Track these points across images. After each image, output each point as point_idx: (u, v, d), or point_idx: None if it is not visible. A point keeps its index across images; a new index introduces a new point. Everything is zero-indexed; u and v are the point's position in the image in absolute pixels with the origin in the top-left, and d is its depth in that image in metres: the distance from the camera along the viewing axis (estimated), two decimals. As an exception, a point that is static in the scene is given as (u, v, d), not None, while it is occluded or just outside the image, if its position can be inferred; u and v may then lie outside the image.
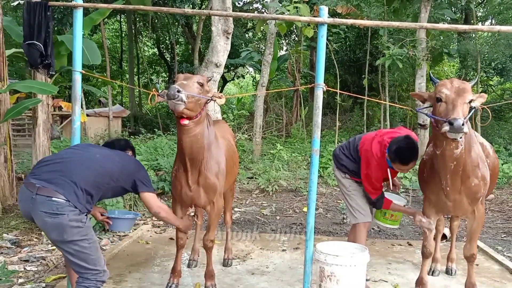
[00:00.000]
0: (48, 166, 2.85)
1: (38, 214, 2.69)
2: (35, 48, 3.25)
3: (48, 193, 2.67)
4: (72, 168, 2.81)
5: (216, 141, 3.51)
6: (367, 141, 3.75)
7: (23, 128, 13.58)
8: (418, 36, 10.36)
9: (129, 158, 3.22)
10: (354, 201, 3.88)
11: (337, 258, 3.15)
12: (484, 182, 3.34)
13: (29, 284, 3.92)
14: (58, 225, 2.67)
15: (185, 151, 3.23)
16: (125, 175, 3.03)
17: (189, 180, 3.37)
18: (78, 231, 2.72)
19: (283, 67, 16.58)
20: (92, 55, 6.37)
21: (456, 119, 2.80)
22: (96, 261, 2.81)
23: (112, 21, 22.10)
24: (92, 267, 2.79)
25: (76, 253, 2.75)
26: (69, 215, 2.67)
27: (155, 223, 6.00)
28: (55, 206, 2.65)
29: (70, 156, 2.95)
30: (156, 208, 3.14)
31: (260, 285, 3.91)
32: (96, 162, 2.93)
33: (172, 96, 2.88)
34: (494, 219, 6.63)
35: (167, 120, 17.09)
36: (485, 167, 3.38)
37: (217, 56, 7.13)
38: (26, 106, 5.84)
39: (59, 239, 2.72)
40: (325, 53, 3.24)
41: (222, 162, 3.52)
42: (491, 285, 4.02)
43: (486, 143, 3.84)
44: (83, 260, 2.77)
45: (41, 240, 5.10)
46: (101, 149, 3.21)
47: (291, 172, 8.83)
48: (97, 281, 2.82)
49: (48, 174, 2.77)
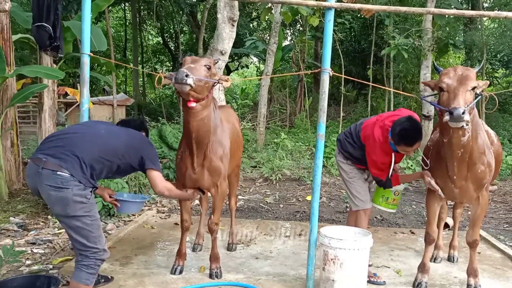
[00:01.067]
0: (54, 142, 2.86)
1: (44, 187, 2.73)
2: (44, 30, 3.28)
3: (53, 167, 2.70)
4: (77, 143, 2.82)
5: (221, 124, 3.55)
6: (369, 127, 3.74)
7: (28, 115, 13.62)
8: (424, 26, 10.30)
9: (137, 135, 3.18)
10: (354, 188, 3.87)
11: (341, 241, 3.19)
12: (490, 169, 3.36)
13: (36, 265, 3.98)
14: (62, 199, 2.70)
15: (192, 134, 3.26)
16: (132, 152, 3.01)
17: (194, 163, 3.41)
18: (82, 207, 2.74)
19: (288, 57, 16.51)
20: (98, 41, 6.39)
21: (456, 108, 2.81)
22: (97, 239, 2.84)
23: (117, 9, 22.01)
24: (92, 245, 2.81)
25: (78, 229, 2.78)
26: (73, 190, 2.70)
27: (159, 209, 6.05)
28: (59, 180, 2.68)
29: (75, 132, 2.96)
30: (161, 188, 3.12)
31: (264, 269, 3.96)
32: (100, 138, 2.93)
33: (180, 80, 2.90)
34: (497, 210, 6.65)
35: (171, 109, 17.09)
36: (491, 153, 3.40)
37: (222, 44, 7.12)
38: (32, 91, 5.88)
39: (63, 214, 2.75)
40: (331, 39, 3.24)
41: (226, 145, 3.56)
42: (492, 272, 4.05)
43: (490, 130, 3.85)
44: (84, 237, 2.79)
45: (47, 224, 5.16)
46: (108, 125, 3.21)
47: (294, 161, 8.85)
48: (96, 259, 2.84)
49: (54, 149, 2.79)
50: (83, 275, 2.82)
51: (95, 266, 2.85)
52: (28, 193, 6.16)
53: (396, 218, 6.05)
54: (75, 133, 2.93)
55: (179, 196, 3.47)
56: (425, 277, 3.63)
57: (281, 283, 3.58)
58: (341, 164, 3.98)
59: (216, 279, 3.60)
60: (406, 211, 6.47)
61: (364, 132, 3.76)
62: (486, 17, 5.63)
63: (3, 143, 6.10)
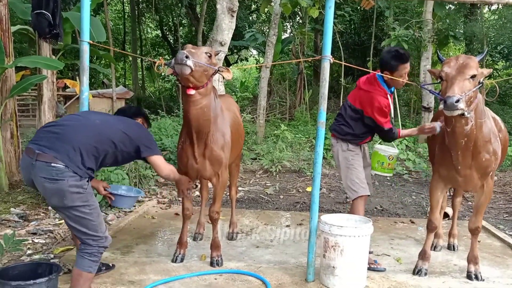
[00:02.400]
0: (47, 133, 2.81)
1: (38, 179, 2.70)
2: (43, 17, 3.25)
3: (47, 159, 2.66)
4: (71, 133, 2.78)
5: (221, 113, 3.53)
6: (357, 95, 3.81)
7: (27, 108, 13.60)
8: (424, 17, 10.27)
9: (133, 124, 3.13)
10: (355, 174, 3.83)
11: (341, 228, 3.20)
12: (496, 157, 3.37)
13: (37, 255, 3.99)
14: (58, 191, 2.67)
15: (191, 123, 3.25)
16: (128, 141, 2.97)
17: (195, 153, 3.41)
18: (79, 197, 2.71)
19: (287, 49, 16.48)
20: (97, 32, 6.36)
21: (450, 96, 2.85)
22: (97, 227, 2.81)
23: (115, 2, 21.93)
24: (93, 233, 2.79)
25: (77, 218, 2.75)
26: (68, 181, 2.66)
27: (160, 200, 6.06)
28: (54, 171, 2.65)
29: (69, 122, 2.90)
30: (167, 171, 3.12)
31: (264, 257, 3.97)
32: (95, 128, 2.88)
33: (180, 60, 2.89)
34: (497, 200, 6.66)
35: (170, 102, 17.08)
36: (497, 141, 3.40)
37: (221, 35, 7.09)
38: (31, 82, 5.85)
39: (60, 205, 2.73)
40: (332, 26, 3.23)
41: (227, 134, 3.55)
42: (492, 260, 4.07)
43: (497, 117, 3.85)
44: (84, 226, 2.77)
45: (48, 215, 5.16)
46: (103, 115, 3.16)
47: (294, 153, 8.86)
48: (99, 247, 2.83)
49: (47, 140, 2.74)
50: (86, 262, 2.80)
51: (98, 253, 2.84)
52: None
53: (396, 208, 6.06)
54: (69, 123, 2.87)
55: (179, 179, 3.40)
56: (425, 264, 3.65)
57: (282, 270, 3.59)
58: (340, 153, 3.93)
59: (217, 267, 3.61)
60: (406, 201, 6.48)
61: (355, 100, 3.81)
62: (487, 4, 5.60)
63: (2, 135, 6.09)
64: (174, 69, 2.97)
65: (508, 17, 13.28)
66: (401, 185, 7.40)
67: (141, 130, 3.12)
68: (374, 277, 3.51)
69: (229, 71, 3.34)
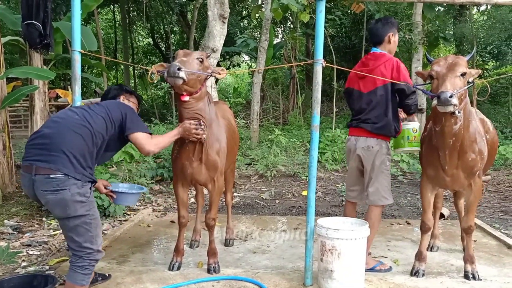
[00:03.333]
0: (35, 146, 2.74)
1: (40, 193, 2.67)
2: (33, 27, 3.24)
3: (45, 172, 2.62)
4: (57, 140, 2.70)
5: (217, 119, 3.54)
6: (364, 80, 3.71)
7: (19, 119, 13.55)
8: (414, 20, 10.36)
9: (113, 105, 3.03)
10: (388, 180, 3.76)
11: (338, 232, 3.20)
12: (481, 157, 3.40)
13: (32, 267, 3.94)
14: (61, 201, 2.64)
15: None
16: (111, 124, 2.89)
17: (191, 157, 3.40)
18: (82, 206, 2.69)
19: (279, 54, 16.54)
20: (88, 41, 6.35)
21: (443, 92, 2.90)
22: (94, 239, 2.77)
23: (106, 11, 21.92)
24: (88, 245, 2.75)
25: (76, 228, 2.72)
26: (71, 189, 2.63)
27: (155, 208, 6.03)
28: (55, 183, 2.62)
29: (51, 130, 2.78)
30: (148, 147, 2.95)
31: (262, 263, 3.95)
32: (77, 125, 2.78)
33: (172, 73, 2.92)
34: (491, 199, 6.70)
35: (163, 110, 17.05)
36: (483, 141, 3.44)
37: (213, 41, 7.09)
38: (23, 93, 5.83)
39: (64, 216, 2.70)
40: (323, 29, 3.25)
41: (223, 140, 3.55)
42: (489, 259, 4.08)
43: (486, 119, 3.90)
44: (81, 236, 2.73)
45: (42, 226, 5.12)
46: (79, 108, 3.00)
47: (289, 157, 8.86)
48: (90, 260, 2.79)
49: (39, 152, 2.69)
50: (78, 276, 2.77)
51: (90, 266, 2.80)
52: (22, 196, 6.11)
53: (391, 210, 6.07)
54: (51, 131, 2.77)
55: (171, 140, 3.20)
56: (422, 265, 3.66)
57: (280, 275, 3.57)
58: (380, 156, 3.68)
59: (214, 274, 3.59)
60: (402, 202, 6.50)
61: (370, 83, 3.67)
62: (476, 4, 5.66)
63: (-5, 146, 6.05)
64: (167, 81, 2.99)
65: (497, 17, 13.42)
66: (396, 187, 7.42)
67: (120, 109, 3.00)
68: (372, 279, 3.50)
69: (223, 70, 3.38)
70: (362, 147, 3.73)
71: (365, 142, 3.72)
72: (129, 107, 3.09)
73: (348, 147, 3.91)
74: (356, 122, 3.79)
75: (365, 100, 3.73)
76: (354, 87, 3.83)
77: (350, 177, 3.98)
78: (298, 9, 8.91)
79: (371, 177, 3.72)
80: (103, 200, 5.21)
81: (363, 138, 3.73)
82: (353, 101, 3.85)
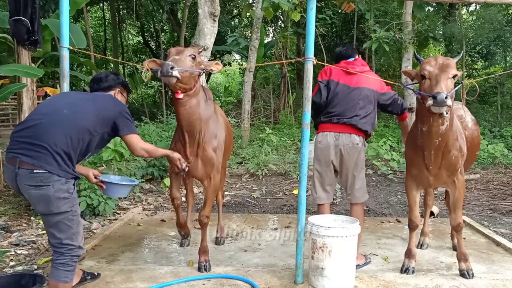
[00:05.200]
0: (20, 138, 2.68)
1: (24, 187, 2.64)
2: (21, 24, 3.19)
3: (28, 167, 2.59)
4: (42, 134, 2.64)
5: (216, 116, 3.59)
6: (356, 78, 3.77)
7: (7, 118, 13.38)
8: (404, 19, 10.42)
9: (106, 102, 2.95)
10: (364, 177, 3.84)
11: (329, 229, 3.20)
12: (462, 154, 3.46)
13: (20, 266, 3.90)
14: (43, 197, 2.61)
15: (182, 123, 3.33)
16: (103, 122, 2.85)
17: (187, 152, 3.44)
18: (65, 202, 2.67)
19: (270, 53, 16.52)
20: (77, 39, 6.29)
21: (439, 92, 2.91)
22: (74, 236, 2.76)
23: (95, 9, 21.71)
24: (68, 241, 2.74)
25: (58, 224, 2.70)
26: (54, 186, 2.60)
27: (145, 207, 5.99)
28: (38, 178, 2.59)
29: (38, 121, 2.71)
30: (139, 151, 2.98)
31: (253, 261, 3.94)
32: (65, 121, 2.71)
33: (166, 72, 2.94)
34: (480, 197, 6.76)
35: (153, 109, 16.97)
36: (462, 139, 3.51)
37: (204, 39, 7.08)
38: (11, 91, 5.74)
39: (46, 212, 2.67)
40: (314, 27, 3.25)
41: (221, 137, 3.59)
42: (478, 256, 4.11)
43: (467, 116, 3.93)
44: (62, 232, 2.71)
45: (30, 225, 5.05)
46: (71, 99, 2.94)
47: (280, 156, 8.87)
48: (72, 256, 2.77)
49: (23, 146, 2.63)
50: (61, 273, 2.76)
51: (72, 262, 2.79)
52: (10, 195, 6.03)
53: (382, 208, 6.10)
54: (38, 123, 2.70)
55: (161, 154, 3.33)
56: (412, 262, 3.67)
57: (271, 273, 3.57)
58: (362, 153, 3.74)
59: (205, 272, 3.57)
60: (392, 201, 6.53)
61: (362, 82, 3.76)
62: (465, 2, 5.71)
63: (-18, 145, 5.96)
64: (161, 80, 3.01)
65: (486, 17, 13.54)
66: (387, 185, 7.46)
67: (116, 108, 2.94)
68: (362, 276, 3.51)
69: (218, 64, 3.40)
70: (346, 144, 3.67)
71: (349, 139, 3.68)
72: (123, 106, 3.04)
73: (324, 144, 3.74)
74: (338, 118, 3.69)
75: (354, 95, 3.70)
76: (340, 81, 3.75)
77: (325, 177, 3.81)
78: (289, 8, 8.92)
79: (354, 174, 3.73)
80: (92, 199, 5.16)
81: (347, 135, 3.67)
82: (336, 95, 3.72)
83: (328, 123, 3.75)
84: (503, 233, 5.01)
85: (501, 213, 5.93)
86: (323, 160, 3.77)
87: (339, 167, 3.76)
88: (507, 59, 16.11)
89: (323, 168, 3.80)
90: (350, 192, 3.79)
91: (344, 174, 3.77)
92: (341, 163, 3.73)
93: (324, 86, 3.80)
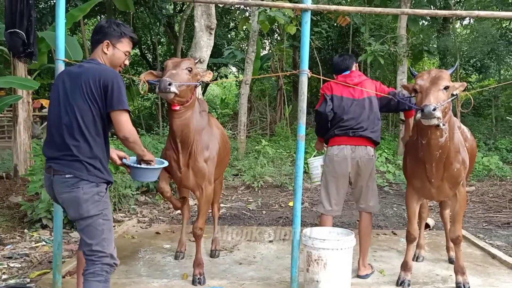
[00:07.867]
0: (49, 143, 2.70)
1: (57, 193, 2.64)
2: (17, 36, 3.21)
3: (61, 173, 2.59)
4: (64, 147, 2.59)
5: (209, 128, 3.62)
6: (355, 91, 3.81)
7: (2, 130, 13.37)
8: (398, 33, 10.53)
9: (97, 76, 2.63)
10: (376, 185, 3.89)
11: (324, 242, 3.20)
12: (464, 166, 3.46)
13: (13, 279, 3.85)
14: (74, 199, 2.57)
15: (176, 133, 3.34)
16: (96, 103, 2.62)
17: (180, 162, 3.45)
18: (95, 205, 2.58)
19: (266, 66, 16.62)
20: (73, 51, 6.31)
21: (427, 105, 2.93)
22: (105, 242, 2.62)
23: (92, 22, 21.82)
24: (99, 249, 2.59)
25: (88, 228, 2.59)
26: (83, 188, 2.57)
27: (140, 219, 5.95)
28: (70, 182, 2.57)
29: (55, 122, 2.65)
30: (126, 132, 2.62)
31: (248, 274, 3.92)
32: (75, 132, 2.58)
33: (163, 89, 2.98)
34: (475, 210, 6.76)
35: (150, 120, 16.98)
36: (465, 151, 3.51)
37: (200, 52, 7.12)
38: (6, 103, 5.75)
39: (77, 216, 2.60)
40: (309, 40, 3.28)
41: (213, 148, 3.60)
42: (473, 269, 4.09)
43: (464, 127, 3.97)
44: (92, 238, 2.58)
45: (24, 238, 5.01)
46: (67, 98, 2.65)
47: (276, 168, 8.86)
48: (102, 264, 2.59)
49: (53, 153, 2.64)
50: (92, 285, 2.56)
51: (102, 272, 2.59)
52: (4, 207, 5.99)
53: (378, 221, 6.09)
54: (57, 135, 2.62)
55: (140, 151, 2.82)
56: (408, 275, 3.66)
57: (266, 286, 3.55)
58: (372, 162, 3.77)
59: (200, 286, 3.54)
60: (388, 213, 6.52)
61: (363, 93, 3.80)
62: (458, 16, 5.79)
63: (-24, 157, 5.93)
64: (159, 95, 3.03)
65: (480, 31, 13.72)
66: (382, 197, 7.45)
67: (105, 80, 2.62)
68: (358, 290, 3.50)
69: (209, 73, 3.45)
70: (363, 156, 3.72)
71: (365, 151, 3.73)
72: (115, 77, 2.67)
73: (341, 157, 3.72)
74: (353, 131, 3.71)
75: (360, 106, 3.75)
76: (343, 95, 3.79)
77: (338, 190, 3.80)
78: (285, 21, 9.00)
79: (368, 185, 3.79)
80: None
81: (362, 147, 3.72)
82: (343, 108, 3.75)
83: (344, 136, 3.76)
84: (498, 245, 5.01)
85: (496, 225, 5.93)
86: (341, 173, 3.76)
87: (354, 178, 3.80)
88: (501, 72, 16.28)
89: (340, 181, 3.79)
90: (364, 202, 3.84)
91: (359, 185, 3.81)
92: (356, 175, 3.77)
93: (329, 99, 3.84)
